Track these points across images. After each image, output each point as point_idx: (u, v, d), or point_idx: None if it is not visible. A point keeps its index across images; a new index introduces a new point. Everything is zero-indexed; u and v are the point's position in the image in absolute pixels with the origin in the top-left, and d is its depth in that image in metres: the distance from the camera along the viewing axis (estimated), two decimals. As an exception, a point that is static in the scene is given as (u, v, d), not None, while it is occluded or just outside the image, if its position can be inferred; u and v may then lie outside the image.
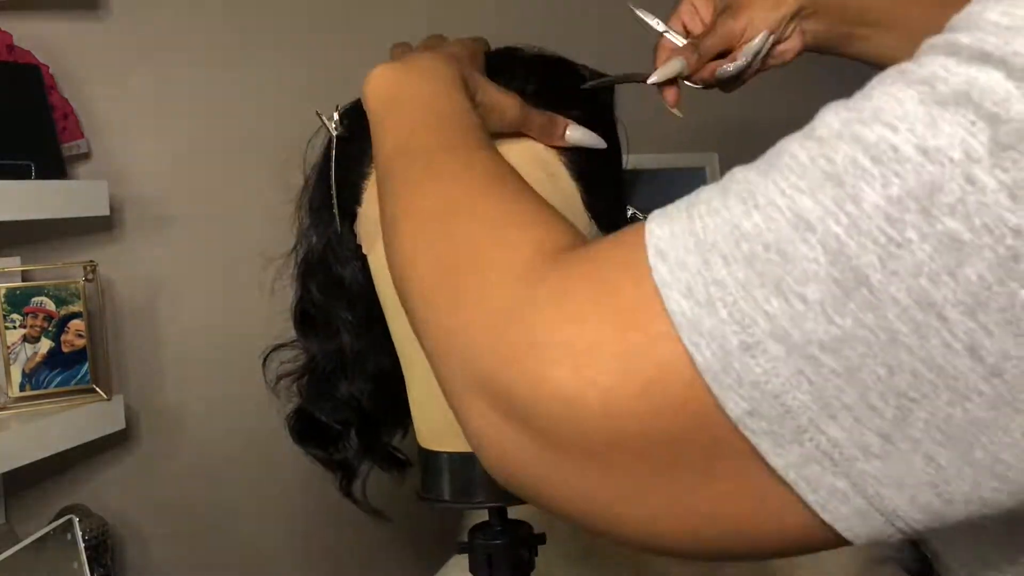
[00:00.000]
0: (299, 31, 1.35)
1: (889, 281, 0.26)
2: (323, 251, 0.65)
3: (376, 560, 1.40)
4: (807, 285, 0.27)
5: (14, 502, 1.19)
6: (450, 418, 0.60)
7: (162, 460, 1.28)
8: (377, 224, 0.61)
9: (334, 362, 0.67)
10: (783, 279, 0.27)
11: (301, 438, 0.70)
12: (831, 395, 0.27)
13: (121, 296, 1.25)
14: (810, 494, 0.28)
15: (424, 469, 0.63)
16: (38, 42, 1.17)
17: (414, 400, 0.63)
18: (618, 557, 1.07)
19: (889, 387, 0.26)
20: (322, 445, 0.70)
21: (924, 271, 0.25)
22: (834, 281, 0.26)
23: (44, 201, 1.06)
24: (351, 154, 0.62)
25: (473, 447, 0.36)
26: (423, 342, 0.39)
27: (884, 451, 0.27)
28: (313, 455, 0.71)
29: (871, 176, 0.26)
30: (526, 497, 0.35)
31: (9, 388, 1.08)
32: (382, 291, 0.62)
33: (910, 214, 0.25)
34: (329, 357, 0.67)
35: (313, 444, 0.70)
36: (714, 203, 0.30)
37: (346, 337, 0.65)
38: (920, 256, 0.25)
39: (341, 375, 0.67)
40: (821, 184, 0.27)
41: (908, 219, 0.25)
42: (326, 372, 0.67)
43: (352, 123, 0.62)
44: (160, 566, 1.29)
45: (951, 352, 0.26)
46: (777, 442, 0.28)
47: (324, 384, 0.68)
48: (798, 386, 0.27)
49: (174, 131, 1.29)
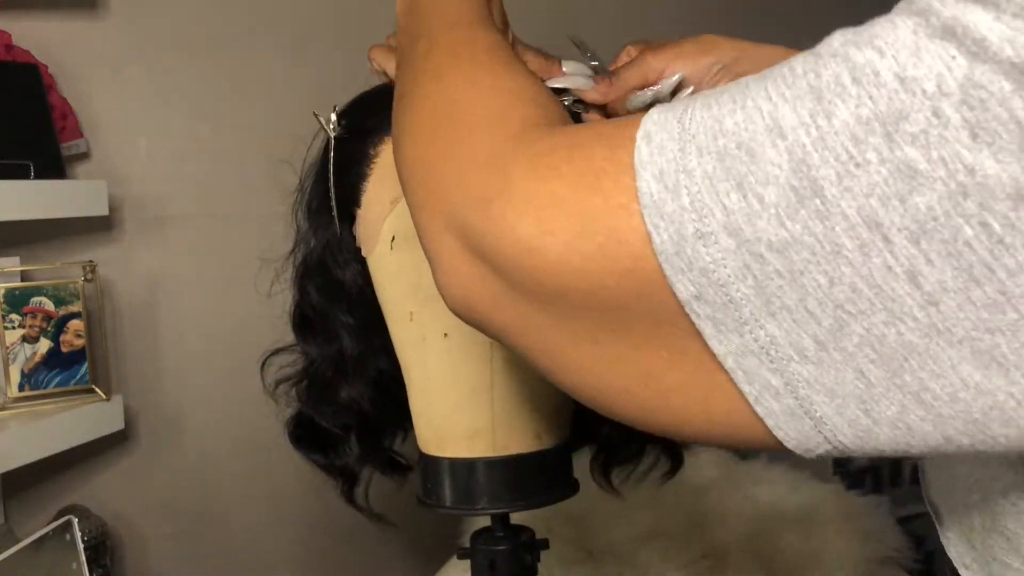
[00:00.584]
0: (299, 31, 1.35)
1: (842, 196, 0.27)
2: (322, 254, 0.64)
3: (376, 560, 1.40)
4: (767, 187, 0.28)
5: (13, 502, 1.19)
6: (451, 423, 0.60)
7: (162, 460, 1.28)
8: (376, 226, 0.61)
9: (334, 366, 0.66)
10: (746, 177, 0.28)
11: (301, 444, 0.70)
12: (772, 293, 0.28)
13: (121, 296, 1.25)
14: (745, 384, 0.30)
15: (424, 474, 0.63)
16: (37, 42, 1.16)
17: (415, 405, 0.62)
18: (616, 560, 1.07)
19: (828, 296, 0.28)
20: (322, 450, 0.69)
21: (876, 192, 0.26)
22: (792, 188, 0.27)
23: (43, 201, 1.06)
24: (350, 155, 0.62)
25: (440, 284, 0.38)
26: (406, 179, 0.42)
27: (818, 357, 0.28)
28: (313, 461, 0.70)
29: (848, 95, 0.27)
30: (484, 330, 0.38)
31: (8, 388, 1.07)
32: (382, 295, 0.62)
33: (874, 137, 0.26)
34: (329, 361, 0.66)
35: (313, 449, 0.69)
36: (710, 99, 0.31)
37: (346, 340, 0.65)
38: (875, 178, 0.26)
39: (341, 379, 0.66)
40: (803, 96, 0.28)
41: (871, 141, 0.26)
42: (326, 376, 0.67)
43: (351, 123, 0.62)
44: (160, 566, 1.29)
45: (891, 275, 0.27)
46: (719, 328, 0.29)
47: (324, 388, 0.67)
48: (743, 279, 0.28)
49: (173, 131, 1.28)
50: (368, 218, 0.61)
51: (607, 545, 1.08)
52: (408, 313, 0.60)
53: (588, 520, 1.10)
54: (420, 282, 0.59)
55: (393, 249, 0.60)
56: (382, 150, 0.61)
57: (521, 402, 0.61)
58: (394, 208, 0.60)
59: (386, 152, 0.61)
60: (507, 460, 0.60)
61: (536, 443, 0.61)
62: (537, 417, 0.61)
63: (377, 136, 0.61)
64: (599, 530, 1.09)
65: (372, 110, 0.62)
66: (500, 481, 0.60)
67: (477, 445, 0.60)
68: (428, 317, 0.60)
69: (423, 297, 0.59)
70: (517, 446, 0.61)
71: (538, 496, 0.61)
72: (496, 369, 0.60)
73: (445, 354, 0.60)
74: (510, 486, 0.60)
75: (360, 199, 0.61)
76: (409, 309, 0.60)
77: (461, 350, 0.60)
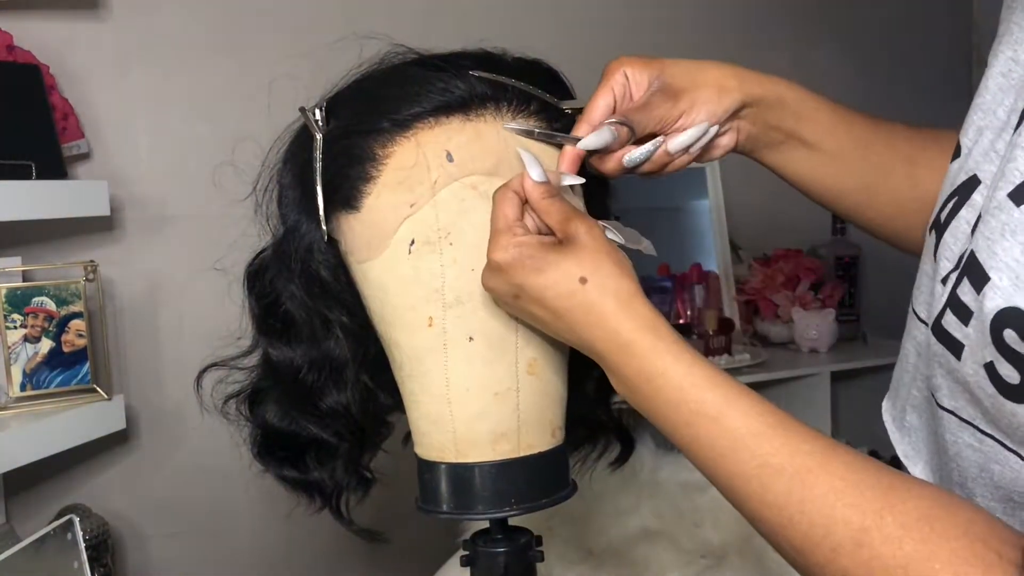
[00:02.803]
0: (299, 31, 1.35)
1: None
2: (304, 255, 0.61)
3: (376, 560, 1.40)
4: None
5: (14, 502, 1.19)
6: (474, 428, 0.59)
7: (162, 460, 1.29)
8: (384, 229, 0.58)
9: (319, 370, 0.63)
10: None
11: (271, 460, 0.67)
12: None
13: (121, 296, 1.26)
14: None
15: (423, 480, 0.62)
16: (38, 42, 1.17)
17: (430, 412, 0.60)
18: (616, 560, 1.07)
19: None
20: (297, 465, 0.66)
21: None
22: None
23: (44, 201, 1.06)
24: (347, 154, 0.58)
25: None
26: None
27: None
28: (284, 479, 0.67)
29: None
30: None
31: (10, 388, 1.08)
32: (388, 301, 0.59)
33: None
34: (314, 365, 0.63)
35: (286, 465, 0.67)
36: None
37: (334, 343, 0.62)
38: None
39: (329, 384, 0.63)
40: None
41: None
42: (308, 382, 0.63)
43: (347, 120, 0.59)
44: (160, 566, 1.29)
45: None
46: None
47: (306, 396, 0.64)
48: None
49: (174, 131, 1.29)
50: (371, 221, 0.58)
51: (607, 545, 1.08)
52: (426, 319, 0.58)
53: (588, 520, 1.10)
54: (443, 287, 0.57)
55: (411, 253, 0.57)
56: (394, 151, 0.57)
57: (544, 403, 0.61)
58: (415, 211, 0.57)
59: (400, 153, 0.57)
60: (529, 459, 0.60)
61: (552, 440, 0.61)
62: (551, 416, 0.61)
63: (386, 136, 0.58)
64: (599, 530, 1.10)
65: (370, 106, 0.59)
66: (523, 480, 0.60)
67: (502, 447, 0.59)
68: (451, 322, 0.57)
69: (446, 302, 0.57)
70: (539, 444, 0.61)
71: (557, 491, 0.62)
72: (522, 371, 0.59)
73: (470, 359, 0.58)
74: (533, 484, 0.60)
75: (359, 201, 0.58)
76: (428, 314, 0.58)
77: (487, 354, 0.58)
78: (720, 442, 0.48)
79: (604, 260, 0.52)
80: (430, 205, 0.57)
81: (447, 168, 0.57)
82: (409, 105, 0.58)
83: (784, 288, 1.63)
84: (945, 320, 0.49)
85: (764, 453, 0.47)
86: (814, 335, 1.59)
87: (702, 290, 1.63)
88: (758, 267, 1.66)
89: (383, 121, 0.58)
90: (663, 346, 0.50)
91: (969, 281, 0.47)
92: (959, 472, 0.53)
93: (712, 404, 0.48)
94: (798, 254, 1.66)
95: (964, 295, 0.48)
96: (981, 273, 0.46)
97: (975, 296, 0.46)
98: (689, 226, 1.71)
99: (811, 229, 1.73)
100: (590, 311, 0.51)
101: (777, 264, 1.65)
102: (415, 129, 0.57)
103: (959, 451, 0.52)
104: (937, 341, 0.50)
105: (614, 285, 0.51)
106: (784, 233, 1.72)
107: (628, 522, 1.10)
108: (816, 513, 0.45)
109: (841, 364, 1.55)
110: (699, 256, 1.68)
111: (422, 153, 0.57)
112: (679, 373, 0.49)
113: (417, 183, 0.57)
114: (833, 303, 1.63)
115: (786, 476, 0.46)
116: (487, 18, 1.42)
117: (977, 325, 0.46)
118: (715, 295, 1.64)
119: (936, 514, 0.42)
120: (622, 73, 0.59)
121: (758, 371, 1.47)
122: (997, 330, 0.44)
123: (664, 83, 0.58)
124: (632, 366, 0.51)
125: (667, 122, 0.58)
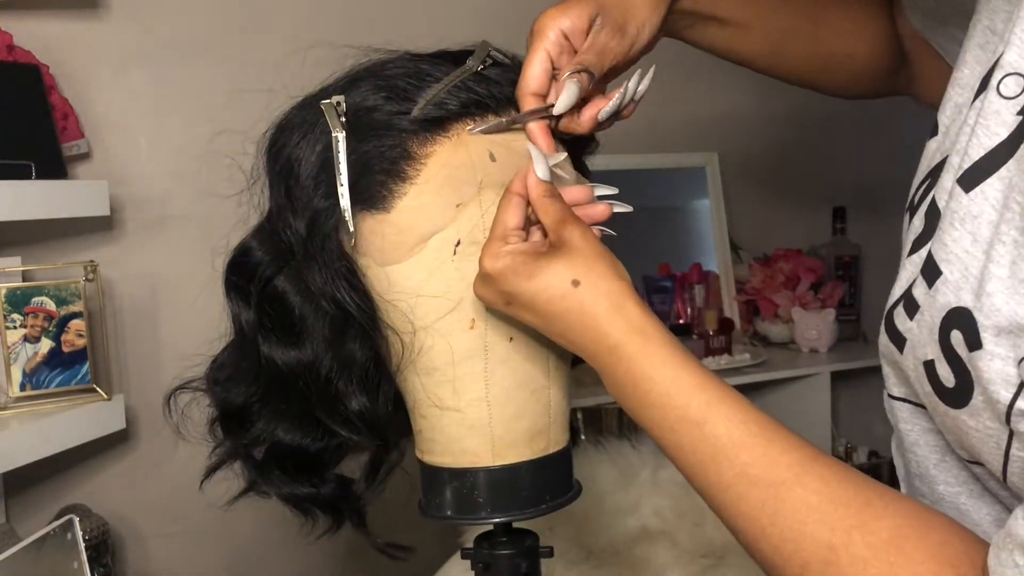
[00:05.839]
0: (300, 31, 1.35)
1: None
2: (322, 253, 0.58)
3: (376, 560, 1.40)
4: None
5: (14, 502, 1.19)
6: (512, 428, 0.58)
7: (163, 459, 1.28)
8: (420, 231, 0.56)
9: (341, 374, 0.59)
10: None
11: (279, 476, 0.64)
12: None
13: (121, 296, 1.26)
14: None
15: (426, 484, 0.62)
16: (38, 42, 1.17)
17: (447, 418, 0.59)
18: (616, 559, 1.07)
19: None
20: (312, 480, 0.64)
21: None
22: None
23: (44, 201, 1.06)
24: (378, 153, 0.56)
25: None
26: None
27: None
28: (292, 496, 0.64)
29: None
30: None
31: (10, 388, 1.08)
32: (412, 303, 0.57)
33: None
34: (333, 366, 0.58)
35: (295, 482, 0.64)
36: None
37: (356, 344, 0.58)
38: None
39: (351, 387, 0.59)
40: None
41: None
42: (330, 388, 0.59)
43: (373, 116, 0.56)
44: (160, 566, 1.29)
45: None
46: None
47: (326, 404, 0.60)
48: None
49: (174, 131, 1.29)
50: (403, 223, 0.56)
51: (607, 544, 1.08)
52: (469, 321, 0.57)
53: (588, 520, 1.10)
54: None
55: (457, 255, 0.56)
56: (434, 151, 0.56)
57: (565, 398, 0.62)
58: (461, 212, 0.56)
59: (440, 153, 0.56)
60: (559, 455, 0.61)
61: (567, 435, 0.62)
62: (567, 410, 0.62)
63: (425, 135, 0.56)
64: (599, 530, 1.10)
65: (396, 99, 0.57)
66: (556, 477, 0.61)
67: (537, 445, 0.59)
68: (493, 323, 0.57)
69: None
70: (563, 439, 0.61)
71: (572, 486, 0.62)
72: (552, 367, 0.60)
73: (509, 359, 0.58)
74: (561, 480, 0.61)
75: (390, 202, 0.56)
76: (471, 317, 0.57)
77: (525, 353, 0.58)
78: (702, 449, 0.48)
79: (597, 262, 0.51)
80: (476, 205, 0.56)
81: (489, 168, 0.57)
82: (444, 104, 0.57)
83: (784, 288, 1.63)
84: (896, 312, 0.49)
85: (743, 463, 0.46)
86: (814, 335, 1.59)
87: (702, 290, 1.63)
88: (758, 267, 1.66)
89: (404, 118, 0.56)
90: (652, 349, 0.50)
91: (923, 275, 0.47)
92: (916, 463, 0.52)
93: (696, 410, 0.48)
94: (798, 254, 1.66)
95: (916, 288, 0.47)
96: (933, 266, 0.45)
97: (926, 290, 0.46)
98: (689, 226, 1.71)
99: (811, 229, 1.73)
100: (583, 313, 0.51)
101: (777, 264, 1.65)
102: (455, 129, 0.57)
103: (916, 440, 0.51)
104: (885, 331, 0.50)
105: (606, 287, 0.51)
106: (784, 233, 1.72)
107: (628, 521, 1.10)
108: (787, 528, 0.44)
109: (841, 364, 1.55)
110: (699, 256, 1.68)
111: (466, 152, 0.57)
112: (666, 378, 0.49)
113: (463, 183, 0.56)
114: (833, 303, 1.63)
115: (761, 487, 0.45)
116: (487, 18, 1.42)
117: (923, 321, 0.46)
118: (715, 295, 1.64)
119: (907, 534, 0.42)
120: (557, 31, 0.57)
121: (758, 371, 1.47)
122: (945, 329, 0.43)
123: (606, 19, 0.58)
124: (621, 369, 0.50)
125: (621, 55, 0.59)
